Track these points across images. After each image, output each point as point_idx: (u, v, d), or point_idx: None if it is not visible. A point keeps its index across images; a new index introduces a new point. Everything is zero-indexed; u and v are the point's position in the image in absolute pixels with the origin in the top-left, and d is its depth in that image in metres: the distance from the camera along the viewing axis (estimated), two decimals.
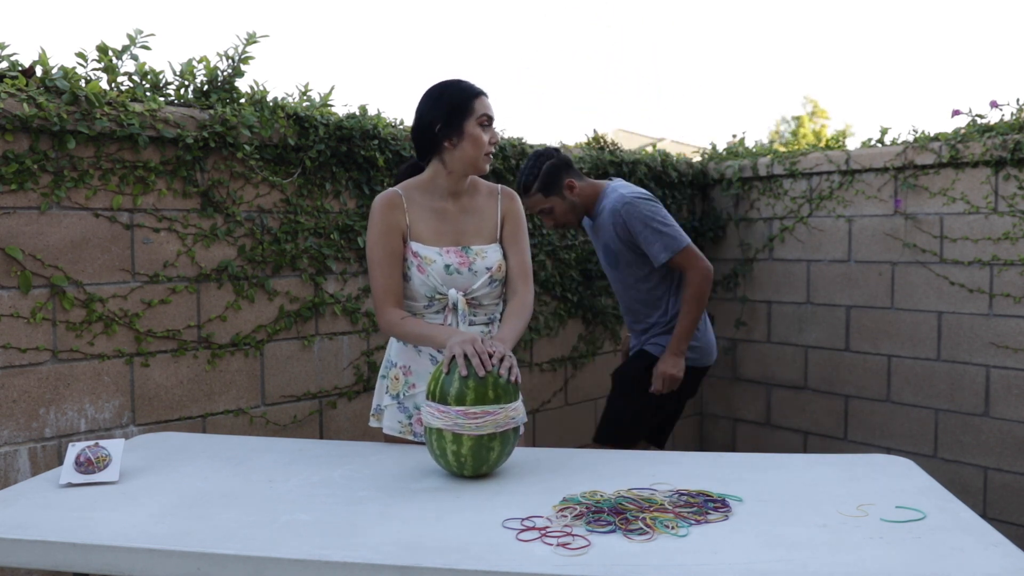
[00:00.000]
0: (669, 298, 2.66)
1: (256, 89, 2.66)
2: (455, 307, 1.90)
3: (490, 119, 1.92)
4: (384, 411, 2.01)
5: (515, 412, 1.65)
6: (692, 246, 2.56)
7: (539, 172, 2.59)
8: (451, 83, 1.93)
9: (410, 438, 1.96)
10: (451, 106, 1.90)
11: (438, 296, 1.91)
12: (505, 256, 2.00)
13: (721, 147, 4.46)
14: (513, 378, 1.66)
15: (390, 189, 1.95)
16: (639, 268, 2.63)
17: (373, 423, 2.06)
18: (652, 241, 2.52)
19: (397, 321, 1.87)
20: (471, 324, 1.93)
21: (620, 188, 2.61)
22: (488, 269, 1.93)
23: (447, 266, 1.90)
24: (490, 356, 1.66)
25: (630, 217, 2.52)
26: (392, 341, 2.05)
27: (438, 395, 1.64)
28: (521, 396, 1.71)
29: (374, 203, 1.93)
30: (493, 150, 1.94)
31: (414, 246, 1.90)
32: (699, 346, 2.70)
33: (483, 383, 1.62)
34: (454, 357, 1.65)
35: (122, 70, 2.42)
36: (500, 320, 2.00)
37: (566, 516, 1.43)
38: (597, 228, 2.68)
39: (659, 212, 2.55)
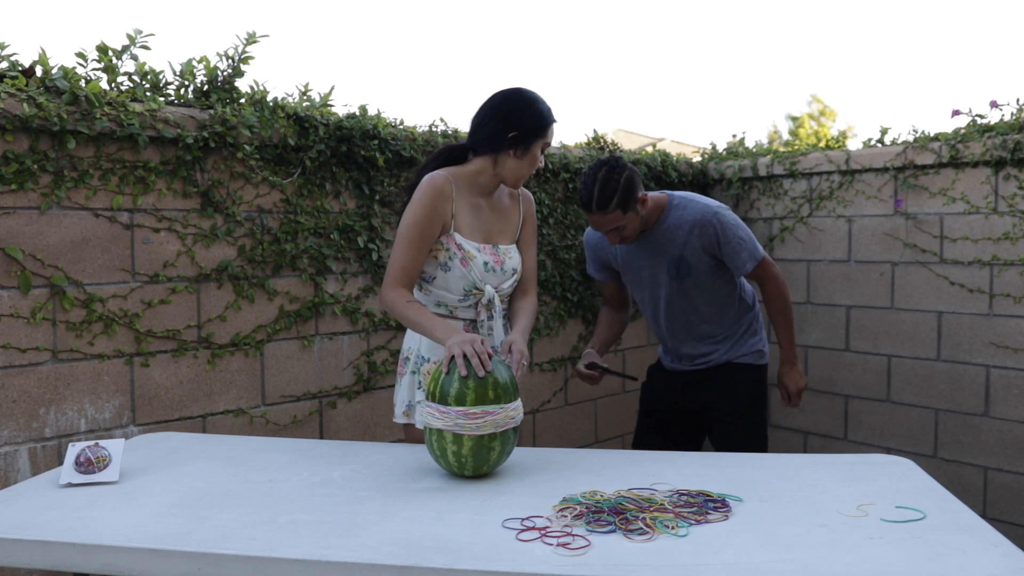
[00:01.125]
0: (733, 308, 2.58)
1: (256, 89, 2.66)
2: (489, 303, 1.95)
3: (548, 147, 2.00)
4: (417, 407, 2.00)
5: (515, 412, 1.66)
6: (767, 255, 2.49)
7: (618, 186, 2.29)
8: (540, 101, 1.98)
9: None
10: (534, 122, 1.95)
11: (475, 291, 1.95)
12: (521, 256, 2.09)
13: (721, 147, 4.45)
14: (518, 373, 1.74)
15: (441, 173, 1.94)
16: (712, 279, 2.51)
17: (402, 419, 2.05)
18: (739, 251, 2.43)
19: (402, 303, 1.87)
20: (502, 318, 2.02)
21: (694, 198, 2.48)
22: (515, 270, 2.02)
23: (485, 263, 1.95)
24: (490, 357, 1.66)
25: (724, 227, 2.41)
26: (419, 337, 2.03)
27: (438, 395, 1.65)
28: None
29: (425, 183, 1.92)
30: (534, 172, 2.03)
31: (457, 238, 1.93)
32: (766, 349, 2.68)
33: (483, 383, 1.63)
34: (453, 357, 1.66)
35: (122, 70, 2.42)
36: (510, 316, 2.06)
37: (566, 516, 1.43)
38: (655, 240, 2.48)
39: (740, 221, 2.47)
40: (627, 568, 1.23)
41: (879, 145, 3.67)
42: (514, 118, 1.92)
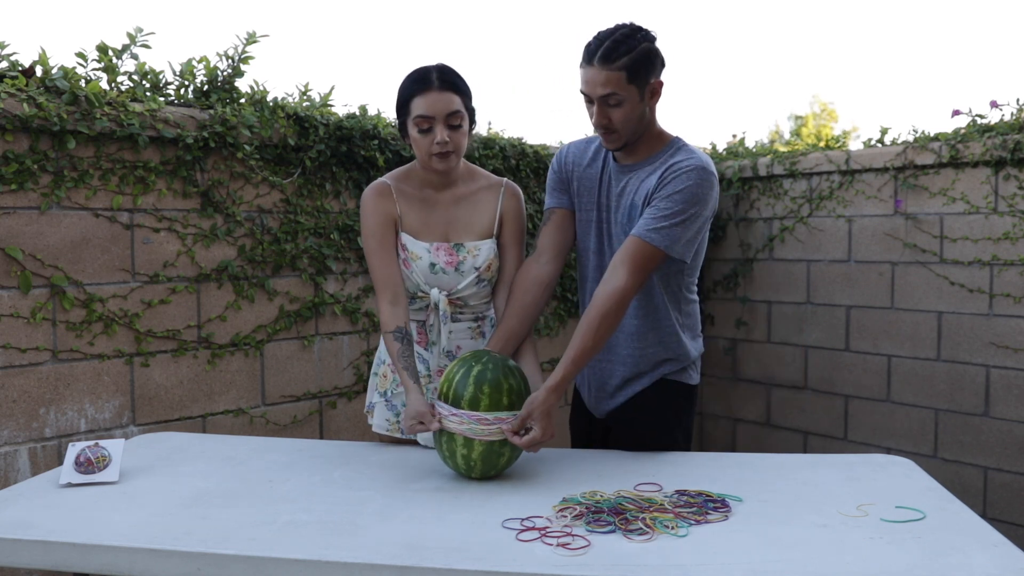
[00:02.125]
0: (673, 304, 1.91)
1: (256, 89, 2.66)
2: (437, 307, 1.86)
3: (428, 119, 1.76)
4: (374, 408, 2.00)
5: None
6: (661, 256, 1.76)
7: (635, 47, 1.75)
8: (408, 75, 1.82)
9: (398, 435, 1.94)
10: (397, 104, 1.84)
11: (420, 294, 1.88)
12: (501, 256, 1.93)
13: (721, 147, 4.46)
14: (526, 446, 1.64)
15: (378, 180, 1.92)
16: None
17: (368, 420, 2.05)
18: (663, 217, 1.74)
19: (383, 330, 1.83)
20: (456, 321, 1.90)
21: (698, 153, 1.84)
22: (476, 269, 1.88)
23: (432, 264, 1.86)
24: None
25: (689, 181, 1.75)
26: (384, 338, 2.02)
27: (451, 397, 1.63)
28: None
29: (364, 194, 1.90)
30: (439, 149, 1.77)
31: (404, 238, 1.87)
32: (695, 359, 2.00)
33: (498, 390, 1.62)
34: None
35: (122, 70, 2.42)
36: (494, 317, 1.96)
37: (566, 516, 1.43)
38: (632, 179, 1.87)
39: (707, 204, 1.80)
40: (627, 568, 1.23)
41: (879, 145, 3.67)
42: (396, 104, 1.86)
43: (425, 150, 1.79)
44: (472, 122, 1.86)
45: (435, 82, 1.77)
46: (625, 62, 1.74)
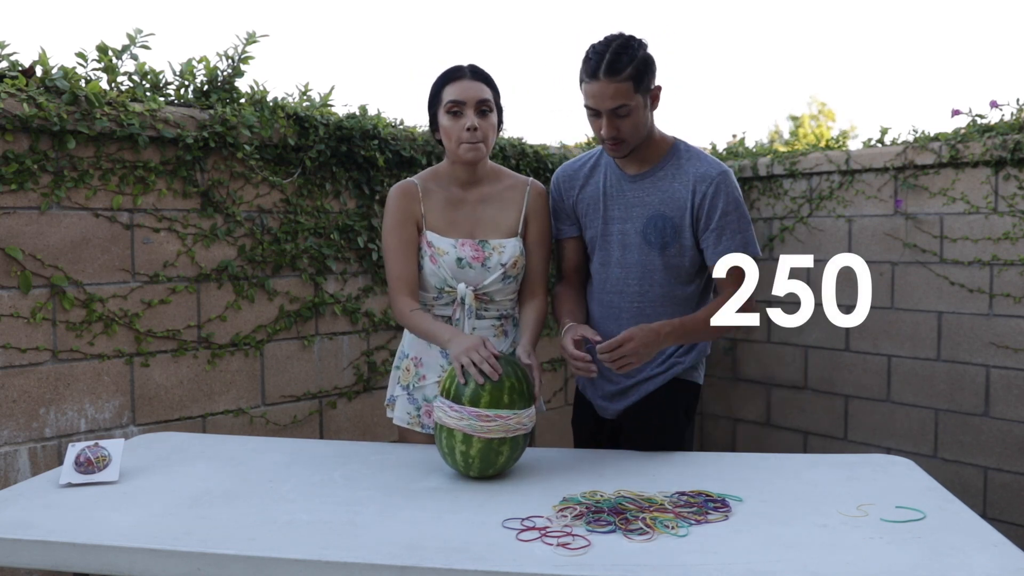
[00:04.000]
0: (687, 303, 2.00)
1: (256, 89, 2.66)
2: (463, 301, 1.89)
3: (459, 103, 1.83)
4: (395, 401, 2.01)
5: (527, 419, 1.65)
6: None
7: (635, 56, 1.80)
8: (439, 74, 1.92)
9: (418, 429, 1.97)
10: (428, 99, 1.92)
11: (447, 289, 1.90)
12: (528, 255, 1.96)
13: (721, 147, 4.45)
14: (536, 389, 1.71)
15: (407, 179, 1.96)
16: (685, 258, 1.94)
17: (388, 413, 2.06)
18: (733, 232, 1.89)
19: (407, 313, 1.87)
20: (480, 318, 1.92)
21: (703, 152, 1.97)
22: (503, 265, 1.90)
23: (459, 259, 1.89)
24: (497, 358, 1.66)
25: (727, 189, 1.89)
26: (407, 331, 2.04)
27: (452, 393, 1.64)
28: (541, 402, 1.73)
29: (390, 192, 1.94)
30: (468, 136, 1.83)
31: (429, 235, 1.90)
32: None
33: (499, 387, 1.62)
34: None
35: (122, 70, 2.42)
36: (518, 318, 1.98)
37: (566, 516, 1.43)
38: (642, 188, 1.94)
39: (741, 194, 1.95)
40: (627, 568, 1.23)
41: (879, 145, 3.67)
42: (428, 98, 1.93)
43: (455, 136, 1.84)
44: (500, 121, 1.92)
45: (467, 72, 1.87)
46: (631, 72, 1.80)
